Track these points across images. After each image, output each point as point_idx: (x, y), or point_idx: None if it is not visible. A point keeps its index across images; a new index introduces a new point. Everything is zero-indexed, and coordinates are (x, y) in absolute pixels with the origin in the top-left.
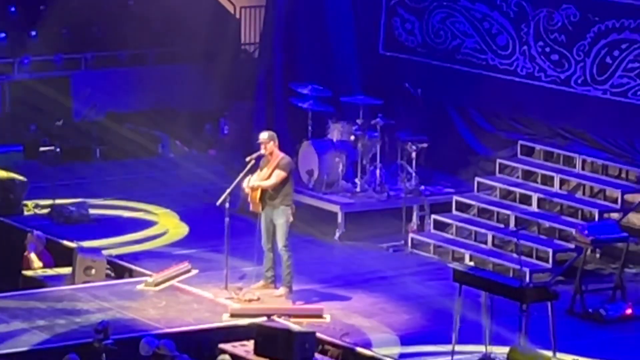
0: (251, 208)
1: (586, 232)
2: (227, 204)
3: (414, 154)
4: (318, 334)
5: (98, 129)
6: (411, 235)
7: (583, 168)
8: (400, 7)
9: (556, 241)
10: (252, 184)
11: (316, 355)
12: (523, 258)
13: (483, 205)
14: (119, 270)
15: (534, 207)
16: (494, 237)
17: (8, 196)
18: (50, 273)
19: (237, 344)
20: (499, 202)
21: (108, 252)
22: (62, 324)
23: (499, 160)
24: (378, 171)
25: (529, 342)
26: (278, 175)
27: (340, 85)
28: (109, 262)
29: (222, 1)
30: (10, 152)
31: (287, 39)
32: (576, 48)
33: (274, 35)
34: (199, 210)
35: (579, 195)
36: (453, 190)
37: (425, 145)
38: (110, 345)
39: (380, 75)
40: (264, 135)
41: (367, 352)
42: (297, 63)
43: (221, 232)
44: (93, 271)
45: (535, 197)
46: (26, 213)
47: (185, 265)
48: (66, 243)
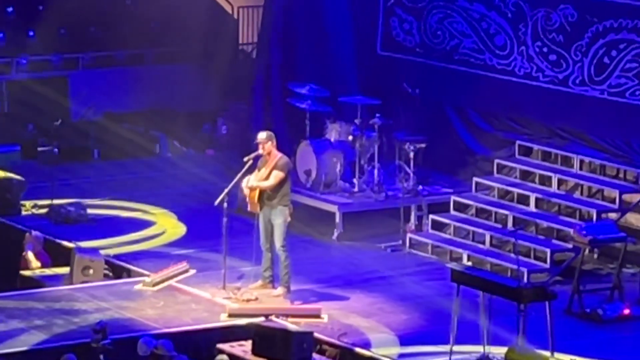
0: (249, 208)
1: (584, 232)
2: (225, 204)
3: (412, 154)
4: (316, 334)
5: (96, 129)
6: (409, 235)
7: (581, 168)
8: (398, 7)
9: (554, 241)
10: (251, 185)
11: (314, 355)
12: (521, 258)
13: (481, 205)
14: (117, 270)
15: (532, 207)
16: (492, 237)
17: (6, 196)
18: (48, 273)
19: (235, 344)
20: (497, 202)
21: (106, 252)
22: (60, 324)
23: (497, 160)
24: (376, 171)
25: (527, 342)
26: (276, 176)
27: (338, 85)
28: (107, 262)
29: (220, 1)
30: (8, 152)
31: (285, 39)
32: (574, 48)
33: (272, 35)
34: (197, 210)
35: (577, 195)
36: (451, 190)
37: (423, 145)
38: (108, 345)
39: (378, 75)
40: (262, 135)
41: (365, 352)
42: (295, 63)
43: (219, 232)
44: (91, 271)
45: (533, 197)
46: (24, 213)
47: (183, 265)
48: (64, 243)
